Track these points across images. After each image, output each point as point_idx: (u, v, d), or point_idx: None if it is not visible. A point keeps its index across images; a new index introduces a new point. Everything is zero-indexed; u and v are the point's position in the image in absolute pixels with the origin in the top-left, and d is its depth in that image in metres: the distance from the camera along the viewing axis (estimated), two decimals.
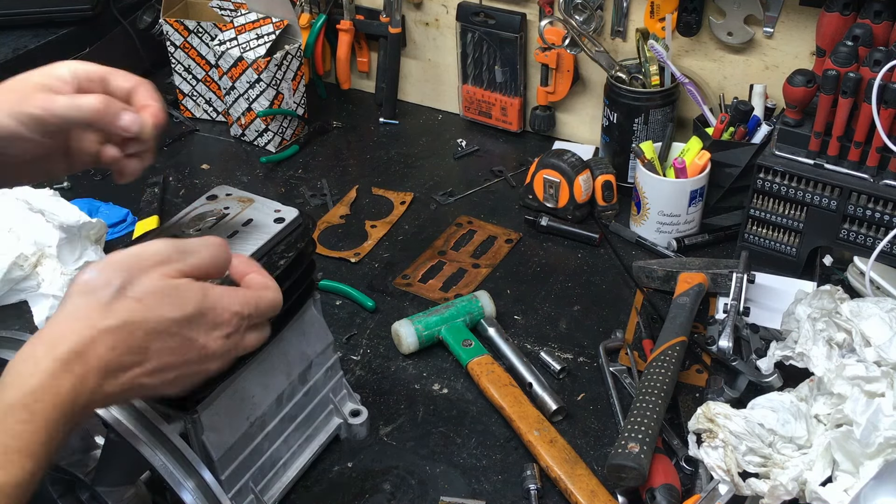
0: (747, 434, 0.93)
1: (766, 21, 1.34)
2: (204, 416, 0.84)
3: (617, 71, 1.42)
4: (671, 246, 1.34)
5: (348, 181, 1.55)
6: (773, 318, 1.17)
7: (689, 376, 1.12)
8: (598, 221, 1.41)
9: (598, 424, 1.07)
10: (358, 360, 1.18)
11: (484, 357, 1.14)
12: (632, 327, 1.22)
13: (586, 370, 1.15)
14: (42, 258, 1.24)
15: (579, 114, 1.60)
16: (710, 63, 1.43)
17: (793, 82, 1.18)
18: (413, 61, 1.74)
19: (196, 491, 0.75)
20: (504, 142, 1.65)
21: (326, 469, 1.03)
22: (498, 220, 1.44)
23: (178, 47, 1.64)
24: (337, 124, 1.72)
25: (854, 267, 1.20)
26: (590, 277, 1.32)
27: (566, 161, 1.38)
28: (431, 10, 1.66)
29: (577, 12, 1.47)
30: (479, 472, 1.02)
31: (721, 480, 0.91)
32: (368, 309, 1.26)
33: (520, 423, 1.04)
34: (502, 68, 1.60)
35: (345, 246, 1.39)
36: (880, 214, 1.16)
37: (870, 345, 0.96)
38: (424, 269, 1.34)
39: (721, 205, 1.36)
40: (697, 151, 1.32)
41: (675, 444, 1.02)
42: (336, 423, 1.05)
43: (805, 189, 1.21)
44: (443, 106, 1.75)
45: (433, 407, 1.11)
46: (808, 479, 0.90)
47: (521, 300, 1.27)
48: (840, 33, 1.18)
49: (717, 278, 1.21)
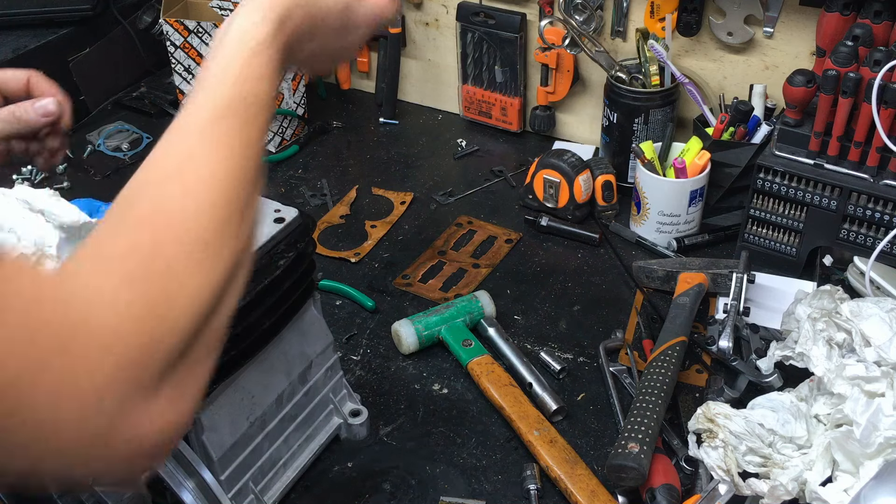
0: (747, 434, 0.93)
1: (766, 21, 1.34)
2: (204, 416, 0.84)
3: (617, 71, 1.42)
4: (671, 246, 1.34)
5: (348, 181, 1.55)
6: (773, 318, 1.17)
7: (689, 376, 1.12)
8: (598, 221, 1.41)
9: (598, 424, 1.07)
10: (358, 360, 1.18)
11: (484, 357, 1.14)
12: (632, 327, 1.22)
13: (586, 370, 1.15)
14: (42, 258, 1.23)
15: (579, 114, 1.60)
16: (710, 63, 1.43)
17: (793, 82, 1.18)
18: (413, 61, 1.74)
19: (196, 491, 0.75)
20: (504, 142, 1.65)
21: (326, 469, 1.03)
22: (498, 220, 1.44)
23: (178, 47, 1.64)
24: (337, 124, 1.72)
25: (854, 267, 1.20)
26: (590, 277, 1.32)
27: (566, 161, 1.38)
28: (431, 10, 1.66)
29: (577, 12, 1.47)
30: (479, 472, 1.02)
31: (721, 480, 0.91)
32: (368, 309, 1.26)
33: (520, 423, 1.04)
34: (502, 68, 1.60)
35: (345, 246, 1.39)
36: (880, 214, 1.16)
37: (870, 345, 0.96)
38: (424, 269, 1.34)
39: (721, 205, 1.36)
40: (697, 151, 1.32)
41: (675, 444, 1.02)
42: (336, 423, 1.05)
43: (805, 189, 1.21)
44: (443, 106, 1.75)
45: (433, 407, 1.11)
46: (808, 479, 0.90)
47: (521, 300, 1.27)
48: (840, 33, 1.18)
49: (717, 278, 1.21)
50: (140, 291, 0.49)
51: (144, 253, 0.51)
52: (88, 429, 0.46)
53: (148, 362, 0.48)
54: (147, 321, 0.49)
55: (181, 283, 0.51)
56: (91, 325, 0.47)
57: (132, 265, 0.50)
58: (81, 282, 0.49)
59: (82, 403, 0.46)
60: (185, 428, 0.53)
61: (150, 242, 0.52)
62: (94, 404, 0.46)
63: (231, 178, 0.56)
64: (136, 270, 0.50)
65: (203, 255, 0.53)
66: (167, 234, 0.52)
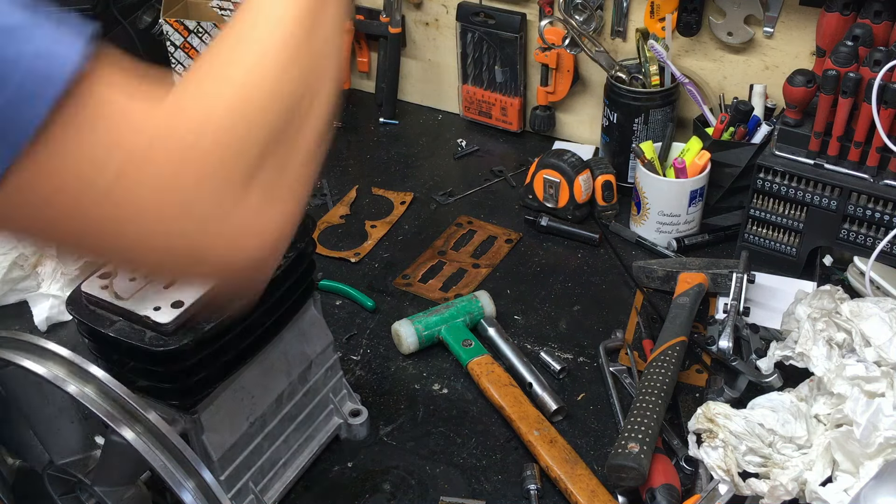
0: (747, 434, 0.93)
1: (766, 21, 1.34)
2: (204, 416, 0.84)
3: (617, 71, 1.42)
4: (671, 246, 1.34)
5: (348, 181, 1.55)
6: (773, 318, 1.17)
7: (689, 376, 1.12)
8: (598, 221, 1.41)
9: (598, 424, 1.07)
10: (358, 360, 1.18)
11: (484, 357, 1.14)
12: (632, 327, 1.22)
13: (586, 370, 1.15)
14: (42, 258, 1.24)
15: (579, 114, 1.60)
16: (710, 63, 1.43)
17: (793, 82, 1.18)
18: (413, 61, 1.73)
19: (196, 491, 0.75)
20: (504, 142, 1.65)
21: (326, 469, 1.03)
22: (498, 220, 1.44)
23: (178, 47, 1.64)
24: (337, 124, 1.72)
25: (854, 267, 1.20)
26: (590, 277, 1.32)
27: (566, 161, 1.38)
28: (431, 10, 1.66)
29: (577, 12, 1.47)
30: (479, 472, 1.02)
31: (721, 480, 0.91)
32: (368, 309, 1.26)
33: (520, 423, 1.04)
34: (502, 68, 1.60)
35: (345, 246, 1.39)
36: (880, 214, 1.16)
37: (870, 345, 0.96)
38: (424, 269, 1.34)
39: (721, 205, 1.36)
40: (697, 151, 1.32)
41: (675, 444, 1.02)
42: (336, 423, 1.05)
43: (805, 189, 1.21)
44: (443, 106, 1.75)
45: (433, 407, 1.11)
46: (808, 479, 0.90)
47: (521, 300, 1.27)
48: (840, 33, 1.18)
49: (717, 278, 1.21)
50: (225, 89, 0.52)
51: (230, 48, 0.54)
52: (190, 224, 0.50)
53: (235, 159, 0.51)
54: (231, 115, 0.51)
55: (265, 71, 0.54)
56: (179, 123, 0.50)
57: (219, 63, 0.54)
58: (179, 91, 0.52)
59: (180, 198, 0.50)
60: (283, 238, 0.56)
61: (234, 40, 0.55)
62: (192, 199, 0.50)
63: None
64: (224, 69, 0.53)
65: (285, 50, 0.55)
66: (252, 34, 0.55)
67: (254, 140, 0.52)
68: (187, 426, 0.83)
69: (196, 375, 0.81)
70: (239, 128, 0.51)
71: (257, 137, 0.52)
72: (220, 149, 0.51)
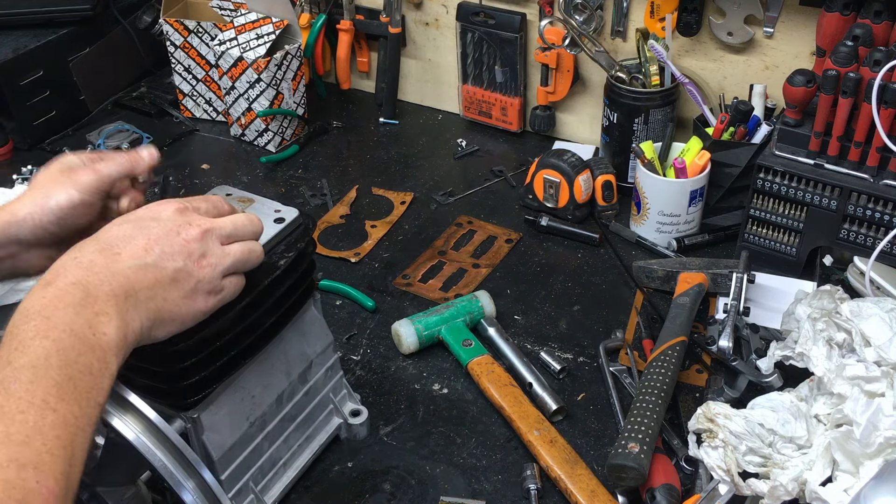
0: (747, 434, 0.93)
1: (766, 21, 1.34)
2: (204, 416, 0.84)
3: (617, 71, 1.42)
4: (671, 246, 1.35)
5: (348, 181, 1.55)
6: (773, 318, 1.17)
7: (689, 376, 1.12)
8: (598, 221, 1.41)
9: (598, 424, 1.07)
10: (358, 360, 1.18)
11: (484, 357, 1.14)
12: (632, 327, 1.22)
13: (586, 370, 1.15)
14: None
15: (579, 114, 1.60)
16: (710, 63, 1.43)
17: (793, 82, 1.18)
18: (413, 61, 1.74)
19: (196, 491, 0.75)
20: (504, 142, 1.65)
21: (326, 469, 1.03)
22: (498, 220, 1.44)
23: (178, 47, 1.64)
24: (337, 124, 1.72)
25: (854, 267, 1.20)
26: (590, 277, 1.32)
27: (566, 161, 1.38)
28: (431, 10, 1.66)
29: (577, 12, 1.47)
30: (479, 472, 1.02)
31: (721, 480, 0.91)
32: (368, 309, 1.26)
33: (520, 423, 1.04)
34: (502, 68, 1.60)
35: (345, 246, 1.39)
36: (880, 214, 1.16)
37: (870, 345, 0.96)
38: (424, 269, 1.34)
39: (721, 205, 1.36)
40: (697, 151, 1.32)
41: (675, 444, 1.02)
42: (336, 423, 1.05)
43: (805, 189, 1.21)
44: (443, 106, 1.75)
45: (433, 407, 1.11)
46: (808, 479, 0.90)
47: (521, 300, 1.27)
48: (840, 33, 1.18)
49: (717, 278, 1.21)
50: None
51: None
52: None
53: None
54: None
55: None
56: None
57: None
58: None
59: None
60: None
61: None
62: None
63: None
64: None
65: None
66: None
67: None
68: (187, 426, 0.83)
69: (196, 375, 0.81)
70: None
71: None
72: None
